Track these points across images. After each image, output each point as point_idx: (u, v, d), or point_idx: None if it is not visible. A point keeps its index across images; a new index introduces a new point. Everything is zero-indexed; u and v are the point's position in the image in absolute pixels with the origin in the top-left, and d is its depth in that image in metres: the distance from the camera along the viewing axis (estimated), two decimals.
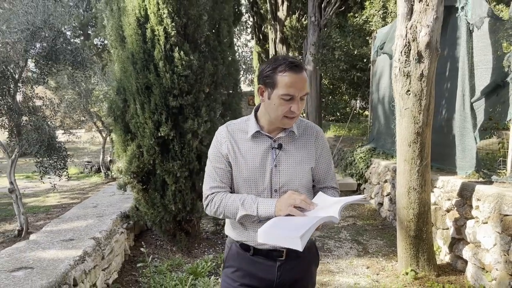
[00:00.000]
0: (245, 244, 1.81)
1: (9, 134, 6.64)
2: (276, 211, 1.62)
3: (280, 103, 1.64)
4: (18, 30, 6.02)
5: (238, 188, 1.80)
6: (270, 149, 1.77)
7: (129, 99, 4.29)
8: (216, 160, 1.81)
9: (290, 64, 1.61)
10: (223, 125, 1.88)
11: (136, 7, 4.05)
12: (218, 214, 1.76)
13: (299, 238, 1.38)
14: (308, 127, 1.86)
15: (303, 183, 1.80)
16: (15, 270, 2.86)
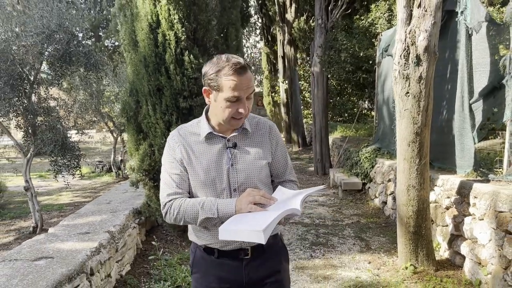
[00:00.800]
0: (208, 248, 1.80)
1: (25, 133, 6.85)
2: (236, 210, 1.61)
3: (227, 105, 1.63)
4: (34, 33, 6.20)
5: (196, 192, 1.77)
6: (225, 149, 1.76)
7: (142, 101, 4.51)
8: (170, 166, 1.77)
9: (233, 67, 1.57)
10: (174, 130, 1.86)
11: (148, 13, 4.26)
12: (178, 220, 1.72)
13: (262, 232, 1.37)
14: (260, 123, 1.86)
15: (261, 180, 1.80)
16: (37, 260, 3.08)
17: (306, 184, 9.10)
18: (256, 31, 33.01)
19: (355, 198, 7.49)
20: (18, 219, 7.71)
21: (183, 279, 3.84)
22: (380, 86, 7.73)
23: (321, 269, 4.33)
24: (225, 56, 1.65)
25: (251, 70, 1.73)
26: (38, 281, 2.66)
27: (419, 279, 3.99)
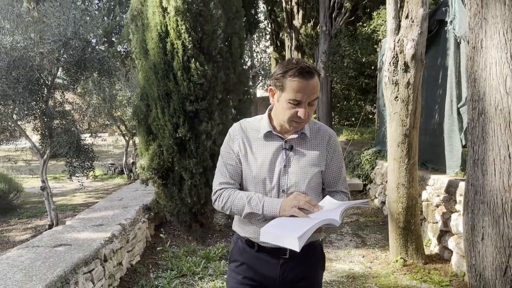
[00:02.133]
0: (250, 240, 1.85)
1: (42, 136, 7.20)
2: (280, 211, 1.65)
3: (287, 107, 1.66)
4: (51, 41, 6.53)
5: (247, 186, 1.83)
6: (281, 150, 1.78)
7: (151, 104, 4.86)
8: (227, 156, 1.85)
9: (300, 70, 1.60)
10: (237, 122, 1.92)
11: (158, 24, 4.62)
12: (225, 209, 1.80)
13: (297, 239, 1.40)
14: (320, 130, 1.87)
15: (311, 186, 1.80)
16: (57, 246, 3.44)
17: None
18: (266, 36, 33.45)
19: (356, 199, 7.77)
20: (35, 218, 8.05)
21: (188, 269, 4.18)
22: (381, 91, 8.00)
23: None
24: (296, 59, 1.70)
25: (320, 77, 1.71)
26: (59, 263, 3.01)
27: (408, 271, 4.27)
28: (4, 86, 6.11)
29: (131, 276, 4.11)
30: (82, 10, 7.12)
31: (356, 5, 8.98)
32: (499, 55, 1.45)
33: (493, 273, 1.61)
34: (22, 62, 6.23)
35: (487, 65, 1.52)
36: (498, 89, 1.48)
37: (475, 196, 1.67)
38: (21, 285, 2.61)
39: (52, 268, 2.91)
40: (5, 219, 7.99)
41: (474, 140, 1.64)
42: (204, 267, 4.28)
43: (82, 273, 3.12)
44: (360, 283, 4.05)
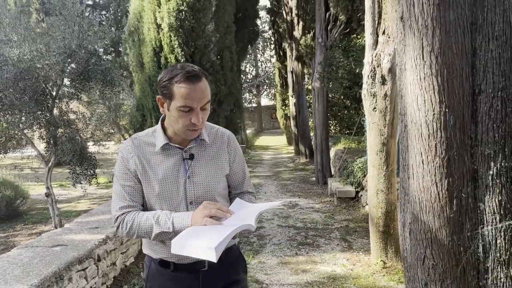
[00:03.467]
0: (164, 261, 1.74)
1: (47, 144, 7.48)
2: (192, 224, 1.55)
3: (180, 115, 1.57)
4: (57, 53, 6.83)
5: (151, 205, 1.71)
6: (182, 161, 1.70)
7: (146, 114, 5.17)
8: (123, 177, 1.70)
9: (186, 74, 1.53)
10: (128, 139, 1.79)
11: (152, 39, 4.94)
12: (131, 235, 1.65)
13: (214, 249, 1.34)
14: (219, 133, 1.82)
15: (219, 192, 1.76)
16: (54, 246, 3.72)
17: (307, 193, 9.64)
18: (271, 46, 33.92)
19: (348, 205, 7.99)
20: (40, 223, 8.30)
21: None
22: None
23: (302, 264, 4.87)
24: (180, 64, 1.62)
25: (208, 79, 1.64)
26: (54, 261, 3.29)
27: (387, 273, 4.49)
28: (11, 97, 6.39)
29: (124, 275, 4.38)
30: (88, 22, 7.35)
31: (351, 18, 9.25)
32: (412, 77, 1.71)
33: (416, 262, 1.86)
34: (28, 73, 6.50)
35: (407, 85, 1.78)
36: (413, 105, 1.74)
37: (404, 197, 1.93)
38: (19, 279, 2.88)
39: (48, 265, 3.19)
40: (11, 224, 8.25)
41: (403, 149, 1.90)
42: None
43: (76, 271, 3.39)
44: (339, 283, 4.28)
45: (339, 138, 13.39)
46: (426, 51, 1.64)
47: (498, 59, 1.61)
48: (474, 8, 1.61)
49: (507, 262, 1.69)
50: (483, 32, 1.62)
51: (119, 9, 25.45)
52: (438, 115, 1.65)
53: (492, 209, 1.68)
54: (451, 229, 1.71)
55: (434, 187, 1.71)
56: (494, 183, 1.67)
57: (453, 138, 1.66)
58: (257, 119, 40.49)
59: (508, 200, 1.67)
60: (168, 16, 4.59)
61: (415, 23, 1.67)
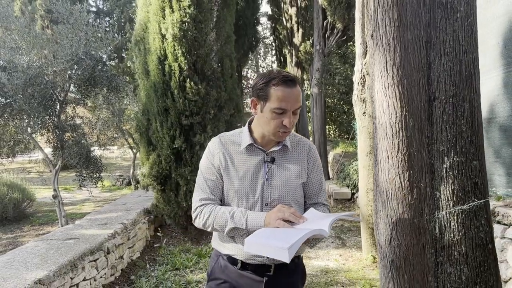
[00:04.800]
0: (232, 258, 1.78)
1: (54, 148, 7.76)
2: (265, 225, 1.60)
3: (272, 116, 1.63)
4: (64, 60, 7.12)
5: (229, 201, 1.77)
6: (263, 163, 1.76)
7: (152, 119, 5.49)
8: (207, 171, 1.79)
9: (283, 78, 1.61)
10: (216, 137, 1.87)
11: (157, 48, 5.27)
12: (206, 226, 1.73)
13: (287, 250, 1.35)
14: (301, 142, 1.87)
15: (295, 198, 1.79)
16: (67, 239, 4.04)
17: None
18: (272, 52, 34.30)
19: (344, 206, 8.30)
20: (46, 225, 8.60)
21: (181, 263, 4.75)
22: None
23: None
24: (277, 69, 1.72)
25: (301, 87, 1.73)
26: (68, 251, 3.61)
27: (376, 267, 4.80)
28: (20, 102, 6.68)
29: (131, 268, 4.70)
30: (94, 31, 7.62)
31: (347, 26, 9.59)
32: (379, 86, 2.04)
33: (384, 243, 2.18)
34: (37, 79, 6.81)
35: (375, 92, 2.11)
36: (380, 109, 2.07)
37: (376, 188, 2.25)
38: (39, 266, 3.21)
39: (63, 255, 3.51)
40: (18, 226, 8.54)
41: (374, 146, 2.22)
42: (195, 262, 4.85)
43: (88, 261, 3.71)
44: (331, 276, 4.59)
45: (338, 142, 13.71)
46: (389, 65, 1.97)
47: (449, 71, 1.94)
48: (428, 29, 1.94)
49: (459, 241, 2.01)
50: (436, 49, 1.95)
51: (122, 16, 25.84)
52: (400, 118, 1.98)
53: (446, 197, 2.00)
54: (412, 213, 2.03)
55: (397, 178, 2.03)
56: (448, 175, 1.99)
57: (412, 137, 1.98)
58: None
59: (459, 189, 1.99)
60: (172, 27, 4.92)
61: (380, 41, 2.00)
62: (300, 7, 14.92)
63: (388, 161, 2.06)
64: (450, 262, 2.03)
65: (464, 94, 1.96)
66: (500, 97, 3.70)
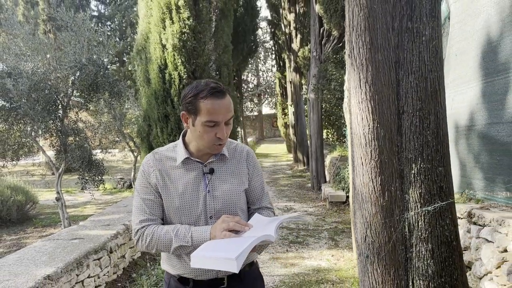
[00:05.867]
0: (183, 277, 1.74)
1: (57, 151, 7.94)
2: (211, 238, 1.56)
3: (205, 130, 1.59)
4: (68, 67, 7.34)
5: (171, 219, 1.72)
6: (202, 175, 1.71)
7: (152, 125, 5.76)
8: (144, 191, 1.72)
9: (211, 90, 1.56)
10: (149, 154, 1.80)
11: (158, 58, 5.54)
12: (150, 248, 1.66)
13: (235, 260, 1.32)
14: (237, 148, 1.84)
15: (239, 206, 1.76)
16: (72, 239, 4.29)
17: (302, 198, 10.20)
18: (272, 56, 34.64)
19: (339, 209, 8.55)
20: (49, 227, 8.79)
21: None
22: None
23: (291, 259, 5.42)
24: (205, 80, 1.64)
25: (231, 95, 1.71)
26: (74, 250, 3.86)
27: None
28: (25, 107, 6.90)
29: (132, 267, 4.94)
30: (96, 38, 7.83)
31: (343, 33, 9.84)
32: (354, 100, 2.28)
33: (360, 240, 2.42)
34: (41, 85, 7.01)
35: (352, 105, 2.36)
36: (355, 121, 2.31)
37: (354, 191, 2.50)
38: (47, 263, 3.45)
39: (70, 253, 3.76)
40: (22, 227, 8.74)
41: (352, 154, 2.48)
42: None
43: (92, 259, 3.96)
44: (323, 275, 4.83)
45: (335, 146, 13.97)
46: (362, 82, 2.23)
47: (415, 88, 2.19)
48: (397, 50, 2.20)
49: (426, 239, 2.26)
50: (404, 68, 2.20)
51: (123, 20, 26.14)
52: (372, 129, 2.23)
53: (415, 199, 2.25)
54: (384, 214, 2.28)
55: (371, 182, 2.29)
56: (416, 179, 2.24)
57: (383, 146, 2.23)
58: (259, 127, 41.11)
59: (426, 192, 2.24)
60: (172, 37, 5.18)
61: (354, 61, 2.26)
62: (298, 14, 15.22)
63: (363, 167, 2.31)
64: (418, 258, 2.28)
65: (430, 108, 2.21)
66: (479, 106, 3.95)
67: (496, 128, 3.67)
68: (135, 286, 4.37)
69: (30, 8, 22.28)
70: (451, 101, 4.44)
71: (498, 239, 3.08)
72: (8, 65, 7.26)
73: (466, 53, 4.18)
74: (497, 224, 3.13)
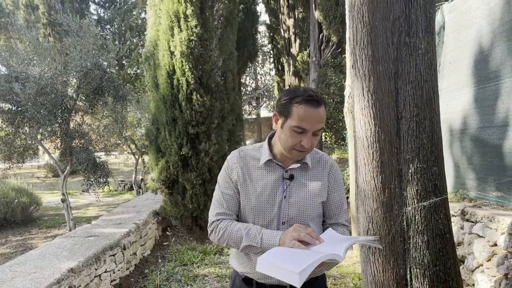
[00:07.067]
0: (248, 278, 1.76)
1: (63, 154, 8.08)
2: (279, 244, 1.55)
3: (291, 134, 1.59)
4: (74, 71, 7.53)
5: (245, 217, 1.74)
6: (281, 180, 1.71)
7: (161, 128, 6.00)
8: (225, 185, 1.76)
9: (307, 97, 1.55)
10: (235, 150, 1.83)
11: (166, 64, 5.78)
12: (221, 242, 1.69)
13: (298, 274, 1.30)
14: (322, 159, 1.81)
15: (312, 217, 1.73)
16: (88, 236, 4.53)
17: None
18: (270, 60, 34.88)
19: None
20: (53, 228, 8.93)
21: (189, 260, 5.24)
22: None
23: None
24: (303, 87, 1.65)
25: (327, 107, 1.72)
26: (92, 246, 4.10)
27: None
28: (32, 110, 7.07)
29: (143, 264, 5.18)
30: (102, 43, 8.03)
31: (342, 39, 10.13)
32: (358, 107, 2.55)
33: (363, 233, 2.69)
34: (48, 89, 7.18)
35: (356, 111, 2.62)
36: (359, 126, 2.58)
37: (357, 189, 2.75)
38: (69, 258, 3.69)
39: (88, 249, 4.00)
40: (26, 228, 8.87)
41: (356, 155, 2.74)
42: (201, 259, 5.33)
43: (108, 255, 4.20)
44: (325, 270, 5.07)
45: (334, 148, 14.24)
46: (365, 91, 2.49)
47: (412, 96, 2.46)
48: (396, 62, 2.46)
49: (422, 231, 2.52)
50: (402, 78, 2.46)
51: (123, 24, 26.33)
52: (374, 132, 2.49)
53: (412, 196, 2.51)
54: (385, 209, 2.54)
55: (372, 181, 2.54)
56: (413, 178, 2.50)
57: (384, 148, 2.50)
58: (257, 130, 41.30)
59: (422, 189, 2.50)
60: (180, 44, 5.42)
61: (358, 72, 2.52)
62: (298, 19, 15.50)
63: (365, 167, 2.57)
64: (415, 249, 2.54)
65: (425, 114, 2.48)
66: (472, 111, 4.22)
67: (488, 132, 3.93)
68: (148, 281, 4.61)
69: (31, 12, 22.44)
70: (445, 106, 4.70)
71: (489, 234, 3.34)
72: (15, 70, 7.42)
73: (460, 61, 4.44)
74: (488, 221, 3.38)
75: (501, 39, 3.75)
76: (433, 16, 2.50)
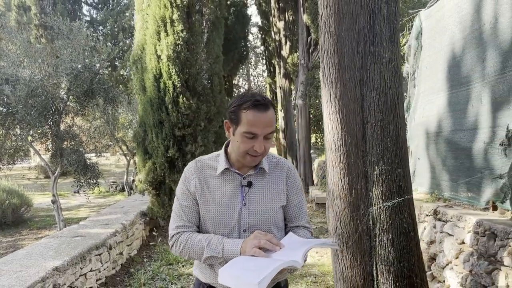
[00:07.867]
0: (212, 287, 1.76)
1: (53, 156, 8.12)
2: (241, 252, 1.55)
3: (243, 140, 1.60)
4: (64, 73, 7.57)
5: (206, 228, 1.73)
6: (240, 187, 1.71)
7: (148, 130, 6.12)
8: (183, 197, 1.75)
9: (255, 102, 1.57)
10: (192, 161, 1.83)
11: (153, 67, 5.91)
12: (183, 254, 1.69)
13: (257, 284, 1.31)
14: (279, 164, 1.82)
15: (274, 222, 1.74)
16: (75, 236, 4.64)
17: None
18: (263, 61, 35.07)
19: (325, 210, 8.95)
20: (43, 229, 8.95)
21: (174, 259, 5.36)
22: None
23: None
24: (251, 92, 1.70)
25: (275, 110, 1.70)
26: (78, 246, 4.21)
27: None
28: (22, 112, 7.12)
29: (129, 263, 5.30)
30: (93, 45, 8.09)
31: None
32: (326, 112, 2.69)
33: (332, 232, 2.83)
34: (38, 91, 7.23)
35: (324, 116, 2.77)
36: (327, 130, 2.72)
37: (327, 189, 2.91)
38: (54, 257, 3.81)
39: (74, 249, 4.12)
40: (17, 230, 8.90)
41: (326, 158, 2.88)
42: None
43: (94, 255, 4.32)
44: (306, 269, 5.22)
45: (323, 150, 14.42)
46: (332, 97, 2.63)
47: (377, 102, 2.60)
48: (361, 70, 2.61)
49: (387, 230, 2.66)
50: (367, 85, 2.61)
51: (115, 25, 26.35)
52: (340, 136, 2.64)
53: (377, 196, 2.65)
54: (352, 209, 2.68)
55: (340, 182, 2.69)
56: (378, 179, 2.65)
57: (350, 151, 2.64)
58: None
59: (386, 190, 2.64)
60: (166, 48, 5.55)
61: (326, 79, 2.66)
62: (288, 21, 15.66)
63: (333, 169, 2.72)
64: (380, 246, 2.68)
65: (390, 119, 2.63)
66: (446, 114, 4.37)
67: (459, 135, 4.09)
68: (133, 279, 4.73)
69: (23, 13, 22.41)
70: (422, 110, 4.87)
71: (457, 233, 3.49)
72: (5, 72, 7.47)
73: (435, 66, 4.61)
74: (457, 220, 3.54)
75: (471, 46, 3.91)
76: (397, 26, 2.65)
